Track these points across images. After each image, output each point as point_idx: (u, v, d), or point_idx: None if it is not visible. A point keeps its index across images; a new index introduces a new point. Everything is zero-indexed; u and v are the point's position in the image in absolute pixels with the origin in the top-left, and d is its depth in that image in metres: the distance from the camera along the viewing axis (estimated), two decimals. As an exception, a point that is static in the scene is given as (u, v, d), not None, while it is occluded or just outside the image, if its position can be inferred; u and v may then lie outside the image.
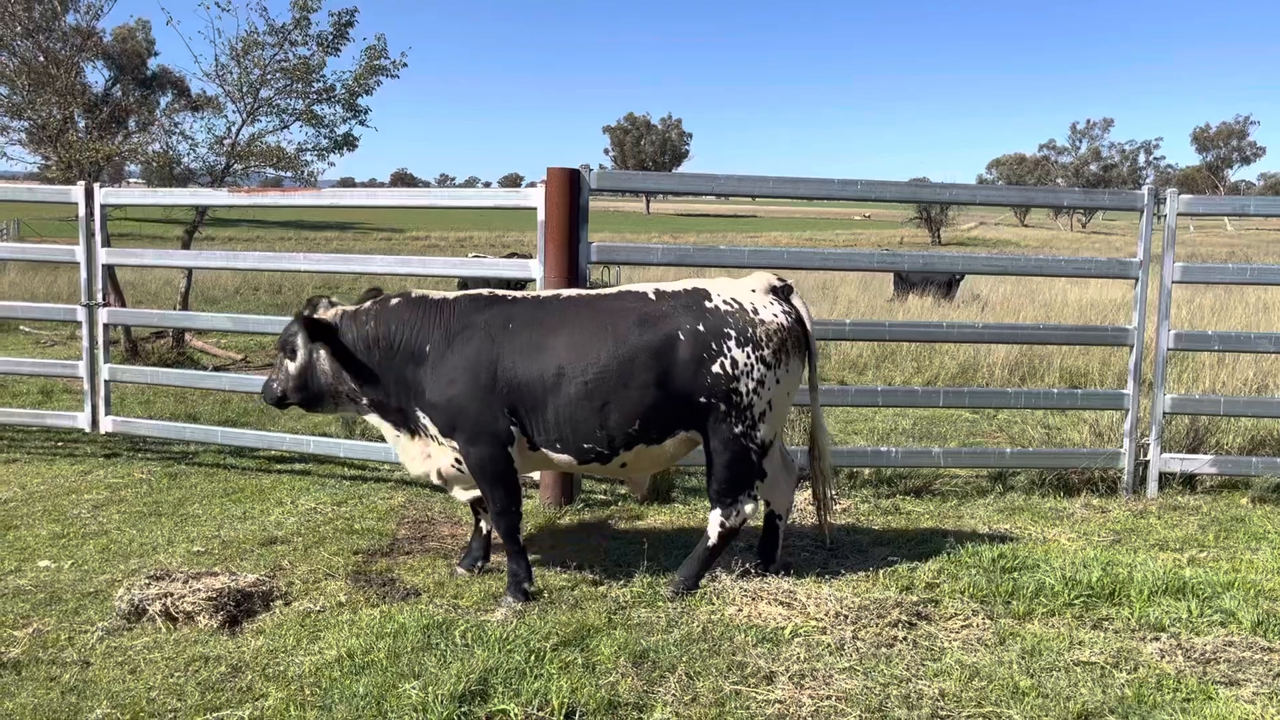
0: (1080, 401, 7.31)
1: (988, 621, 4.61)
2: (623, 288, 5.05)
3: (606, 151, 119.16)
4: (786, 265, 6.75)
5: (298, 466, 7.58)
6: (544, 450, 4.94)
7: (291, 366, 5.14)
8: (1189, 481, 7.04)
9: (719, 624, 4.56)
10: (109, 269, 7.92)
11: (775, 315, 4.89)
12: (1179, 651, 4.29)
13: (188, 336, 13.30)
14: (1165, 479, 6.96)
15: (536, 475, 6.48)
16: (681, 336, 4.78)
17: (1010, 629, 4.53)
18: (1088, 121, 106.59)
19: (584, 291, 5.15)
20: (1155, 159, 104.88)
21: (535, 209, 6.38)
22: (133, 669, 4.14)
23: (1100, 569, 5.11)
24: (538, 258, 6.44)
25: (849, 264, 7.00)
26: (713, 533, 5.00)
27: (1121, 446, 6.94)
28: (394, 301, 5.06)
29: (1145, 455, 6.92)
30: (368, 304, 5.10)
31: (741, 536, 5.86)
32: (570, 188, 6.30)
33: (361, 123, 13.90)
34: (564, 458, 4.95)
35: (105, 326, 7.77)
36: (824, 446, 5.34)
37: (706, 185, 6.61)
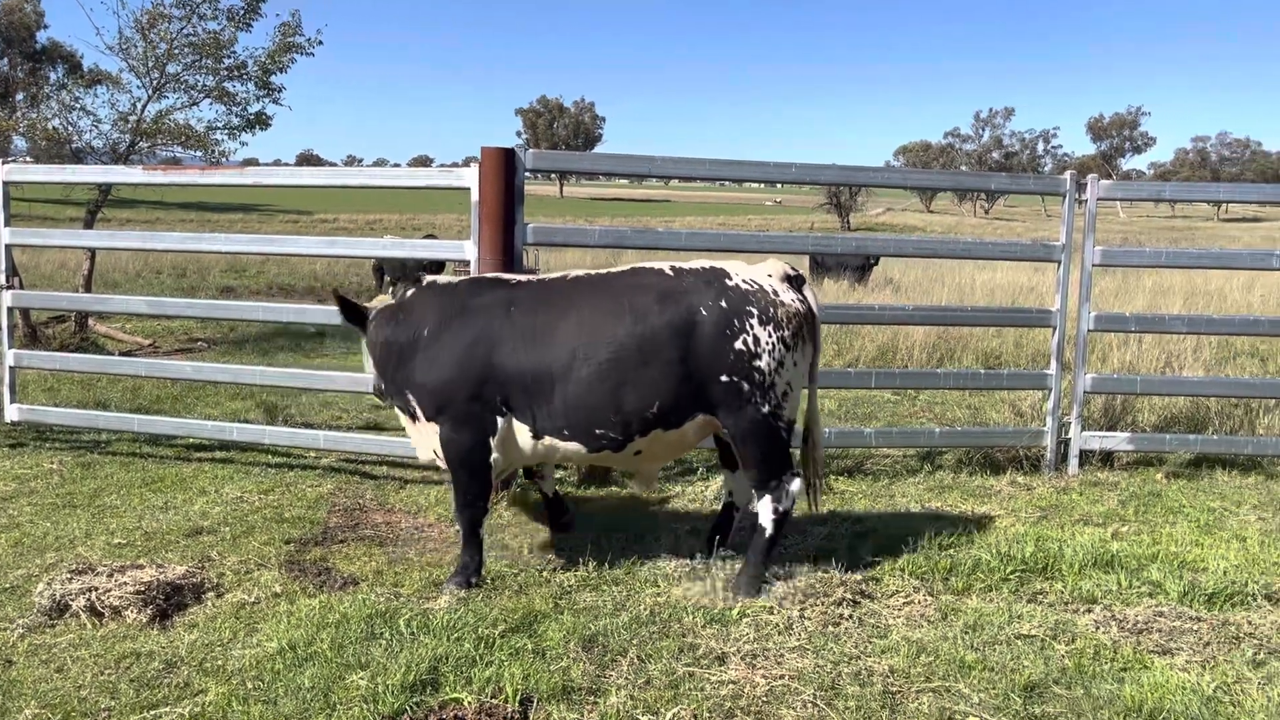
0: (1006, 382, 7.50)
1: (929, 598, 4.69)
2: (637, 265, 4.91)
3: (519, 134, 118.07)
4: (723, 248, 6.76)
5: (219, 454, 7.32)
6: (550, 438, 4.75)
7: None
8: (1107, 458, 7.27)
9: (665, 606, 4.55)
10: (9, 250, 7.53)
11: (793, 300, 4.83)
12: (1113, 622, 4.43)
13: (91, 321, 12.75)
14: (1085, 456, 7.18)
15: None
16: (704, 312, 4.65)
17: (951, 605, 4.62)
18: (990, 110, 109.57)
19: (596, 270, 4.97)
20: (1053, 148, 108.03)
21: (469, 189, 6.25)
22: (59, 667, 3.95)
23: (1033, 544, 5.25)
24: (472, 238, 6.32)
25: (785, 247, 7.06)
26: (766, 521, 4.82)
27: (1045, 425, 7.14)
28: (411, 291, 5.01)
29: (1067, 434, 7.12)
30: (400, 291, 5.07)
31: (687, 520, 5.89)
32: (505, 167, 6.18)
33: (275, 101, 13.47)
34: (572, 446, 4.76)
35: (9, 310, 7.39)
36: (818, 437, 5.22)
37: (644, 166, 6.55)
